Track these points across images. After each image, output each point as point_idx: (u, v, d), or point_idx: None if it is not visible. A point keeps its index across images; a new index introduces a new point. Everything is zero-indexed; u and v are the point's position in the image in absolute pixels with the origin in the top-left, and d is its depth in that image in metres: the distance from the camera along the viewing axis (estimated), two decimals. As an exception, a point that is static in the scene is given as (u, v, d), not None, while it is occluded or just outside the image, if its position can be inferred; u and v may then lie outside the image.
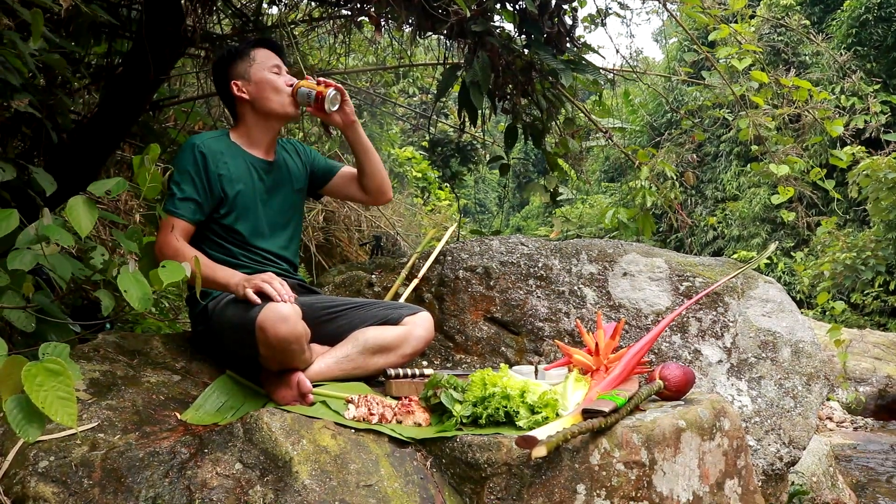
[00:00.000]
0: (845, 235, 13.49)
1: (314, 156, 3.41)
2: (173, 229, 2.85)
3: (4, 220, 2.29)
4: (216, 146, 3.01)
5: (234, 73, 3.11)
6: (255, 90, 3.08)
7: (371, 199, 3.43)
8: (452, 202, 13.30)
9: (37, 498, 2.09)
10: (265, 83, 3.08)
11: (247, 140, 3.12)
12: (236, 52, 3.14)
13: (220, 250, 3.01)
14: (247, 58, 3.10)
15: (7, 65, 2.74)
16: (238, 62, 3.11)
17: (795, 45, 17.27)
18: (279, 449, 2.27)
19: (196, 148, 2.96)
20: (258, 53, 3.12)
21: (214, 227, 3.01)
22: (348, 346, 2.93)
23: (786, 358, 3.35)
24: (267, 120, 3.12)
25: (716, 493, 2.48)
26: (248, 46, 3.15)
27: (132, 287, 2.27)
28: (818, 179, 5.91)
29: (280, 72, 3.13)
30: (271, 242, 3.13)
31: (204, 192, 2.94)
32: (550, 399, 2.46)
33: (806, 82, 5.34)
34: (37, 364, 1.73)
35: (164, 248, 2.79)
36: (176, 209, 2.89)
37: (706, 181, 22.48)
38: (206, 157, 2.96)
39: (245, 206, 3.03)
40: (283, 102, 3.10)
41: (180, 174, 2.93)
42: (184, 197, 2.91)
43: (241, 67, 3.10)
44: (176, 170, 2.95)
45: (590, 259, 3.59)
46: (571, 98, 4.77)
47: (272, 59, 3.13)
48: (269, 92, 3.08)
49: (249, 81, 3.08)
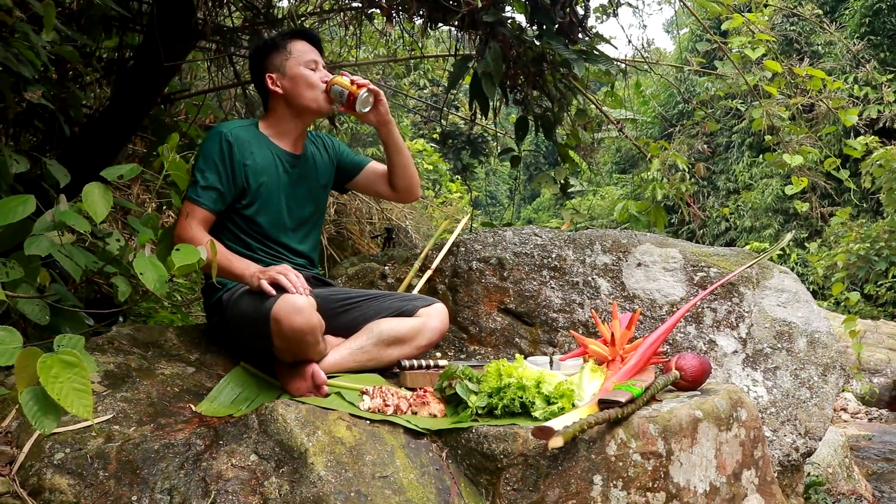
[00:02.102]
0: (859, 226, 13.42)
1: (342, 150, 3.39)
2: (190, 216, 2.84)
3: (21, 204, 2.30)
4: (244, 135, 2.99)
5: (270, 65, 3.07)
6: (289, 85, 3.05)
7: (399, 196, 3.41)
8: (464, 194, 13.26)
9: (53, 490, 2.09)
10: (300, 78, 3.04)
11: (275, 131, 3.10)
12: (272, 44, 3.10)
13: (238, 242, 3.00)
14: (283, 50, 3.06)
15: (20, 57, 2.74)
16: (274, 54, 3.07)
17: (808, 35, 17.20)
18: (294, 440, 2.27)
19: (223, 136, 2.94)
20: (295, 46, 3.08)
21: (235, 217, 3.00)
22: (363, 338, 2.92)
23: (801, 348, 3.33)
24: (299, 115, 3.11)
25: (733, 484, 2.46)
26: (285, 38, 3.10)
27: (148, 270, 2.28)
28: (832, 169, 5.88)
29: (316, 67, 3.09)
30: (291, 237, 3.12)
31: (227, 181, 2.93)
32: (566, 390, 2.45)
33: (819, 72, 5.31)
34: (52, 356, 1.73)
35: (182, 235, 2.78)
36: (197, 197, 2.88)
37: (718, 172, 22.43)
38: (233, 146, 2.94)
39: (267, 198, 3.02)
40: (318, 99, 3.06)
41: (205, 161, 2.92)
42: (206, 185, 2.89)
43: (277, 60, 3.06)
44: (201, 156, 2.94)
45: (604, 250, 3.58)
46: (583, 89, 4.74)
47: (309, 52, 3.09)
48: (304, 88, 3.05)
49: (284, 75, 3.05)
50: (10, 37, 2.75)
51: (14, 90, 2.89)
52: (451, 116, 8.06)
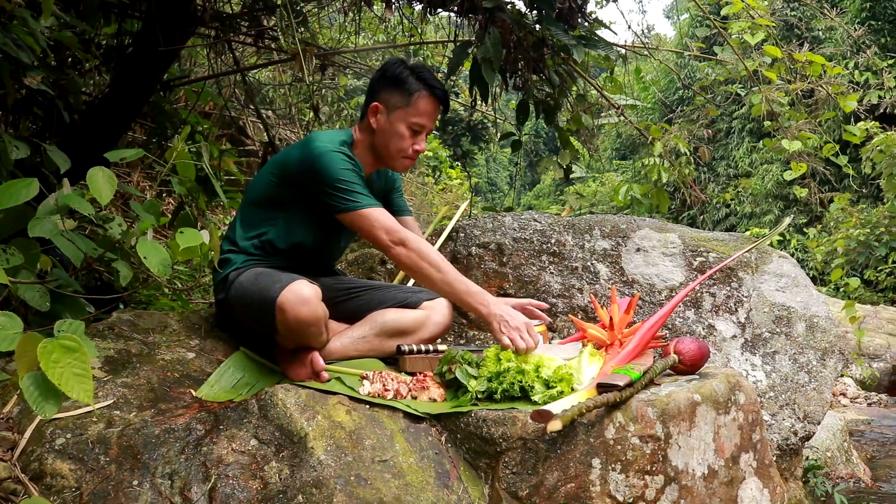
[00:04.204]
0: (859, 211, 13.41)
1: (396, 185, 3.33)
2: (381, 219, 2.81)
3: (24, 188, 2.31)
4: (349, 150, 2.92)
5: (385, 96, 2.96)
6: (384, 128, 2.95)
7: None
8: (463, 181, 13.26)
9: (54, 475, 2.10)
10: (396, 134, 2.95)
11: (358, 152, 3.00)
12: (403, 83, 2.95)
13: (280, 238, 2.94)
14: (407, 96, 2.93)
15: (19, 42, 2.74)
16: (397, 90, 2.95)
17: (809, 20, 17.14)
18: (294, 425, 2.28)
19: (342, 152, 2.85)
20: (419, 101, 2.94)
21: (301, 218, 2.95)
22: (365, 327, 2.93)
23: (800, 333, 3.34)
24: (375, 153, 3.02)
25: (731, 467, 2.47)
26: (420, 84, 2.94)
27: (151, 253, 2.28)
28: (832, 155, 5.88)
29: (420, 132, 2.97)
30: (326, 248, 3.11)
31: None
32: (565, 374, 2.46)
33: (819, 57, 5.30)
34: (52, 341, 1.74)
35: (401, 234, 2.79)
36: (371, 201, 2.83)
37: (718, 158, 22.41)
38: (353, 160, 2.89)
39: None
40: (395, 159, 3.00)
41: (343, 172, 2.81)
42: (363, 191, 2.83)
43: (394, 99, 2.94)
44: (335, 172, 2.81)
45: (603, 235, 3.58)
46: (583, 74, 4.74)
47: (425, 116, 2.96)
48: (393, 141, 2.96)
49: (387, 116, 2.95)
50: (9, 22, 2.75)
51: (13, 76, 2.89)
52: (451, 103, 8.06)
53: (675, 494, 2.31)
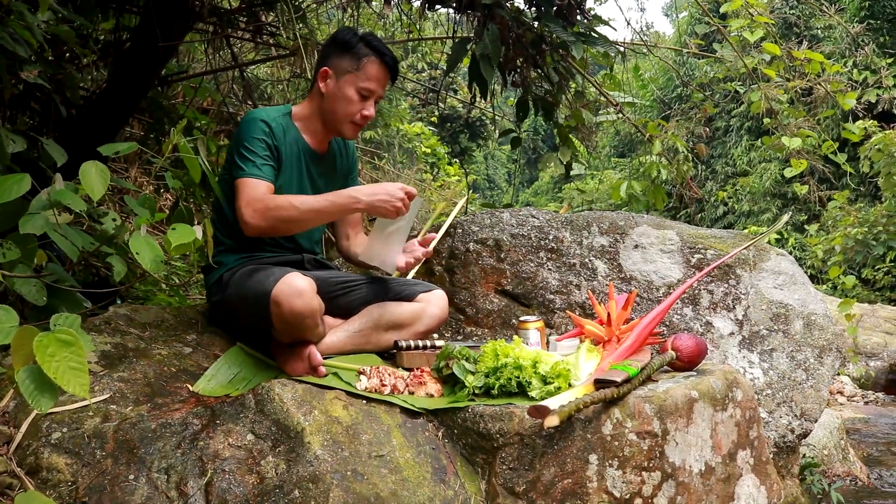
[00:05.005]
0: (857, 210, 13.41)
1: (354, 167, 3.31)
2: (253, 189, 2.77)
3: (16, 183, 2.29)
4: (278, 123, 2.92)
5: (334, 62, 2.96)
6: (333, 93, 2.95)
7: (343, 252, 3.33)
8: (462, 178, 13.26)
9: (50, 469, 2.09)
10: (344, 98, 2.94)
11: (305, 125, 3.01)
12: (353, 47, 2.95)
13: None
14: (356, 60, 2.93)
15: (16, 36, 2.73)
16: (346, 55, 2.94)
17: (808, 18, 17.13)
18: (291, 420, 2.28)
19: (262, 121, 2.86)
20: (368, 66, 2.93)
21: None
22: (362, 321, 2.93)
23: (798, 330, 3.34)
24: (325, 122, 3.02)
25: (728, 464, 2.47)
26: (369, 50, 2.94)
27: (144, 249, 2.27)
28: (830, 153, 5.88)
29: (369, 97, 2.96)
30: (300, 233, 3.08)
31: (273, 159, 2.87)
32: (563, 369, 2.46)
33: (818, 55, 5.30)
34: (48, 334, 1.73)
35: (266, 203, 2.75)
36: (259, 170, 2.80)
37: (717, 156, 22.41)
38: (272, 130, 2.88)
39: (287, 191, 2.92)
40: (343, 124, 2.99)
41: (250, 141, 2.82)
42: (264, 161, 2.82)
43: (344, 63, 2.94)
44: (243, 140, 2.83)
45: (601, 231, 3.58)
46: (582, 71, 4.74)
47: (374, 81, 2.95)
48: (341, 105, 2.95)
49: (336, 81, 2.94)
50: (6, 16, 2.74)
51: (10, 71, 2.88)
52: (450, 100, 8.04)
53: (672, 491, 2.31)
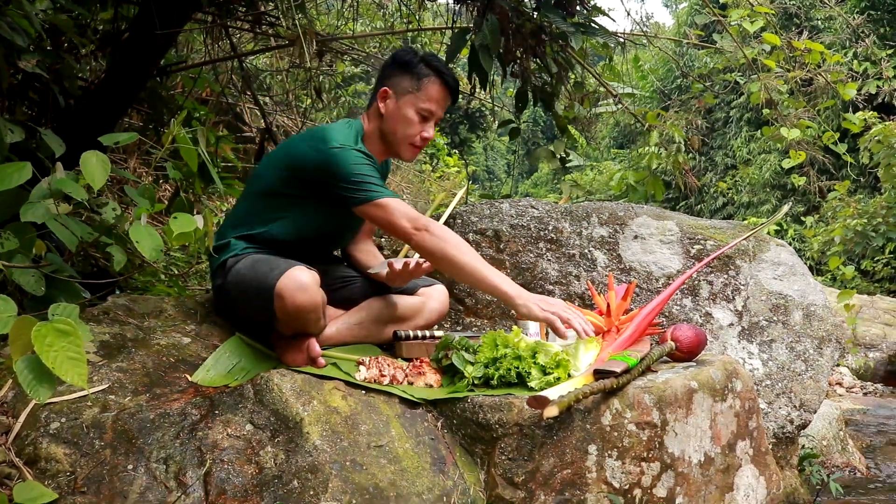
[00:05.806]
0: (856, 202, 13.42)
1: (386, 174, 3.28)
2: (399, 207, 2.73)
3: (17, 171, 2.29)
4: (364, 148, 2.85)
5: (395, 81, 2.92)
6: (392, 113, 2.91)
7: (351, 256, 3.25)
8: (461, 169, 13.25)
9: (48, 459, 2.09)
10: (404, 119, 2.91)
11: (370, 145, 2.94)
12: (413, 67, 2.92)
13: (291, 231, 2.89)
14: (416, 81, 2.90)
15: (14, 25, 2.72)
16: (407, 76, 2.92)
17: (808, 9, 17.10)
18: (290, 410, 2.27)
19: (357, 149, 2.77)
20: (429, 87, 2.90)
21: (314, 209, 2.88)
22: (362, 313, 2.93)
23: (797, 321, 3.34)
24: (384, 141, 2.98)
25: (727, 455, 2.47)
26: (429, 71, 2.91)
27: (144, 238, 2.27)
28: (830, 144, 5.87)
29: (429, 118, 2.93)
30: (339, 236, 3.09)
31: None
32: (562, 360, 2.46)
33: (818, 45, 5.28)
34: (46, 324, 1.72)
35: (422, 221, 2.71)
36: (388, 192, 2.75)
37: (716, 147, 22.40)
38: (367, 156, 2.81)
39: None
40: (402, 147, 2.95)
41: (358, 167, 2.73)
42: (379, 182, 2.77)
43: (404, 83, 2.91)
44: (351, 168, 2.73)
45: (600, 222, 3.57)
46: (582, 61, 4.72)
47: (434, 102, 2.92)
48: (400, 126, 2.91)
49: (396, 102, 2.91)
50: (4, 5, 2.73)
51: (8, 60, 2.87)
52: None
53: (672, 481, 2.31)
